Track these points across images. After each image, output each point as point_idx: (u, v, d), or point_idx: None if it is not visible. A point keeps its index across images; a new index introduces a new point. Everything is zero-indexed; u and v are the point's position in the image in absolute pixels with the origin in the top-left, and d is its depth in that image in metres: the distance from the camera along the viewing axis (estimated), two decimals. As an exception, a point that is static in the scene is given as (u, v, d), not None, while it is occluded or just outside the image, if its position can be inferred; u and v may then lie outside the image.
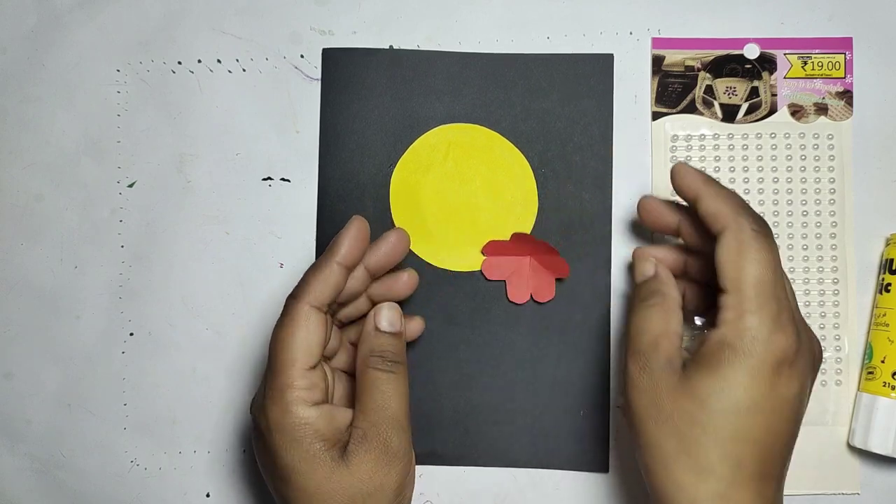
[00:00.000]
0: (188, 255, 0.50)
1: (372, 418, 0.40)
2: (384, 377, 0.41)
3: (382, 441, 0.40)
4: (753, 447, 0.37)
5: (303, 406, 0.39)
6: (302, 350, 0.40)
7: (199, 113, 0.51)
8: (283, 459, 0.39)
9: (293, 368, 0.39)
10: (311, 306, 0.40)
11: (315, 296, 0.40)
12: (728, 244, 0.38)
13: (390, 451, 0.40)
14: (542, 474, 0.49)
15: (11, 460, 0.50)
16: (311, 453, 0.39)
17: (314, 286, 0.40)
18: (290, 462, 0.39)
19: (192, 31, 0.51)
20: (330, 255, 0.41)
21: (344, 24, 0.51)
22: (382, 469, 0.40)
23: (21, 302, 0.51)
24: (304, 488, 0.39)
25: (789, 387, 0.37)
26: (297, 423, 0.39)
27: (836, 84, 0.49)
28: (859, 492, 0.48)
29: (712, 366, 0.37)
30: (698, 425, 0.37)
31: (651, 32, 0.50)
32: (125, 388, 0.50)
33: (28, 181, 0.51)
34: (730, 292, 0.37)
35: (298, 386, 0.39)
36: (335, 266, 0.41)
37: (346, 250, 0.41)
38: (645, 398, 0.39)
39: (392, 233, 0.44)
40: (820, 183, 0.49)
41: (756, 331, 0.36)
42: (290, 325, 0.40)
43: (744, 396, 0.36)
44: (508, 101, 0.50)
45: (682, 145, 0.49)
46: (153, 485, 0.50)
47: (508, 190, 0.49)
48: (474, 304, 0.49)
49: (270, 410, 0.39)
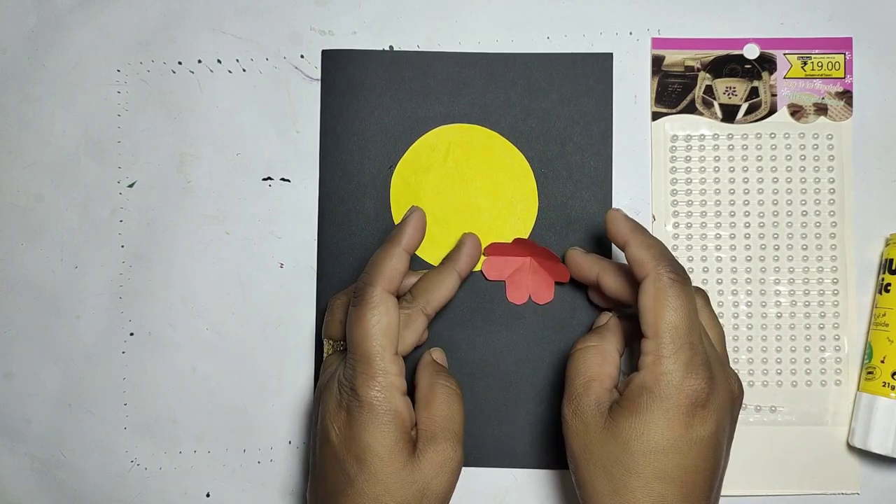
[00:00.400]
0: (188, 255, 0.50)
1: (441, 424, 0.42)
2: (450, 390, 0.43)
3: (446, 447, 0.41)
4: (675, 484, 0.38)
5: (397, 393, 0.40)
6: (389, 336, 0.41)
7: (199, 113, 0.51)
8: (365, 438, 0.40)
9: (386, 353, 0.40)
10: (385, 291, 0.41)
11: (388, 281, 0.41)
12: (647, 291, 0.39)
13: (453, 459, 0.41)
14: (542, 474, 0.49)
15: (11, 460, 0.50)
16: (394, 441, 0.40)
17: (386, 272, 0.41)
18: (372, 443, 0.40)
19: (192, 31, 0.51)
20: (396, 242, 0.42)
21: (344, 25, 0.51)
22: (443, 474, 0.41)
23: (21, 302, 0.51)
24: (375, 473, 0.40)
25: (704, 427, 0.39)
26: (388, 408, 0.40)
27: (836, 84, 0.49)
28: (859, 492, 0.48)
29: (633, 409, 0.39)
30: (623, 466, 0.39)
31: (651, 32, 0.50)
32: (125, 388, 0.50)
33: (28, 181, 0.51)
34: (649, 338, 0.39)
35: (392, 372, 0.40)
36: (402, 252, 0.42)
37: (409, 238, 0.42)
38: (578, 441, 0.41)
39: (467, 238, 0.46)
40: (820, 183, 0.49)
41: (670, 375, 0.38)
42: (375, 310, 0.40)
43: (661, 438, 0.38)
44: (508, 102, 0.50)
45: (681, 145, 0.50)
46: (153, 485, 0.50)
47: (508, 190, 0.49)
48: (474, 304, 0.49)
49: (364, 390, 0.40)
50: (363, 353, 0.40)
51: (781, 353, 0.49)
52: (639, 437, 0.38)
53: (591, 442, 0.40)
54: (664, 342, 0.39)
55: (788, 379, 0.48)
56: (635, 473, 0.39)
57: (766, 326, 0.49)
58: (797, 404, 0.48)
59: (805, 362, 0.49)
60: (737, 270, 0.49)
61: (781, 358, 0.49)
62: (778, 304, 0.49)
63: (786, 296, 0.49)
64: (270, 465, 0.50)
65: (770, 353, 0.49)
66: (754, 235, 0.49)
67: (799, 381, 0.48)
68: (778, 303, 0.49)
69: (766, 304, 0.49)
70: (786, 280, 0.49)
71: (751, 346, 0.49)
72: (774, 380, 0.49)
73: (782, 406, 0.48)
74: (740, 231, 0.49)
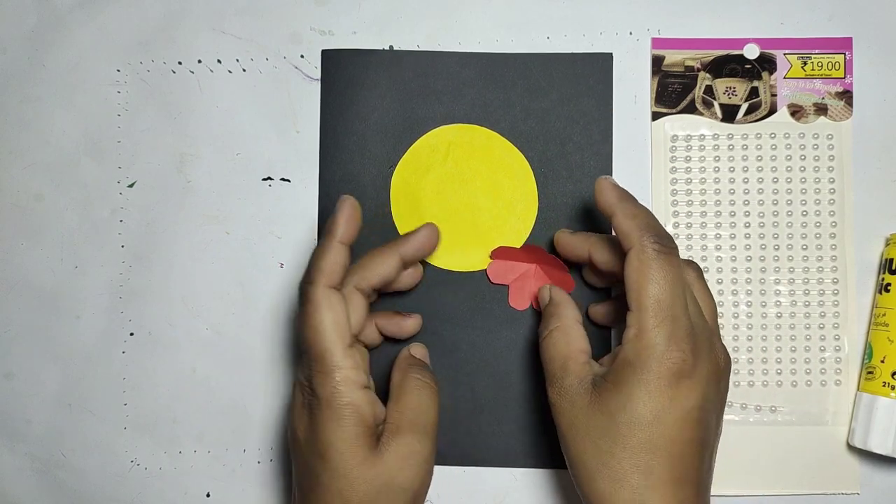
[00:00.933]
0: (188, 255, 0.50)
1: (408, 417, 0.42)
2: (422, 383, 0.43)
3: (413, 440, 0.41)
4: (662, 455, 0.38)
5: (352, 387, 0.40)
6: (338, 331, 0.40)
7: (199, 113, 0.51)
8: (325, 435, 0.40)
9: (337, 348, 0.40)
10: (327, 287, 0.41)
11: (328, 276, 0.41)
12: (632, 263, 0.39)
13: (420, 452, 0.41)
14: (542, 474, 0.49)
15: (11, 460, 0.50)
16: (353, 435, 0.40)
17: (324, 267, 0.41)
18: (332, 439, 0.40)
19: (192, 31, 0.51)
20: (330, 237, 0.42)
21: (344, 25, 0.51)
22: (409, 467, 0.41)
23: (21, 302, 0.51)
24: (336, 468, 0.40)
25: (688, 398, 0.39)
26: (344, 402, 0.40)
27: (836, 84, 0.49)
28: (859, 492, 0.48)
29: (617, 382, 0.39)
30: (609, 438, 0.39)
31: (651, 32, 0.50)
32: (125, 388, 0.50)
33: (28, 181, 0.51)
34: (632, 310, 0.39)
35: (345, 366, 0.40)
36: (338, 245, 0.41)
37: (342, 229, 0.42)
38: (565, 419, 0.41)
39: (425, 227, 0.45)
40: (820, 183, 0.49)
41: (652, 348, 0.38)
42: (317, 309, 0.40)
43: (644, 409, 0.38)
44: (508, 101, 0.50)
45: (681, 145, 0.50)
46: (153, 485, 0.50)
47: (509, 190, 0.49)
48: (475, 304, 0.49)
49: (320, 388, 0.40)
50: (315, 352, 0.40)
51: (781, 353, 0.49)
52: (623, 409, 0.38)
53: (578, 417, 0.40)
54: (647, 315, 0.38)
55: (788, 379, 0.48)
56: (621, 444, 0.39)
57: (766, 326, 0.49)
58: (797, 404, 0.48)
59: (805, 362, 0.49)
60: (737, 270, 0.49)
61: (781, 358, 0.49)
62: (778, 304, 0.49)
63: (786, 296, 0.49)
64: (270, 465, 0.50)
65: (770, 353, 0.49)
66: (754, 235, 0.49)
67: (799, 381, 0.48)
68: (778, 303, 0.49)
69: (766, 304, 0.49)
70: (786, 280, 0.49)
71: (751, 346, 0.49)
72: (774, 380, 0.49)
73: (782, 406, 0.48)
74: (740, 231, 0.49)
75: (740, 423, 0.48)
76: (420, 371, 0.44)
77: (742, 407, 0.48)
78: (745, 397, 0.48)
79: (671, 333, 0.38)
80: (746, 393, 0.48)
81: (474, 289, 0.49)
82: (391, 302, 0.49)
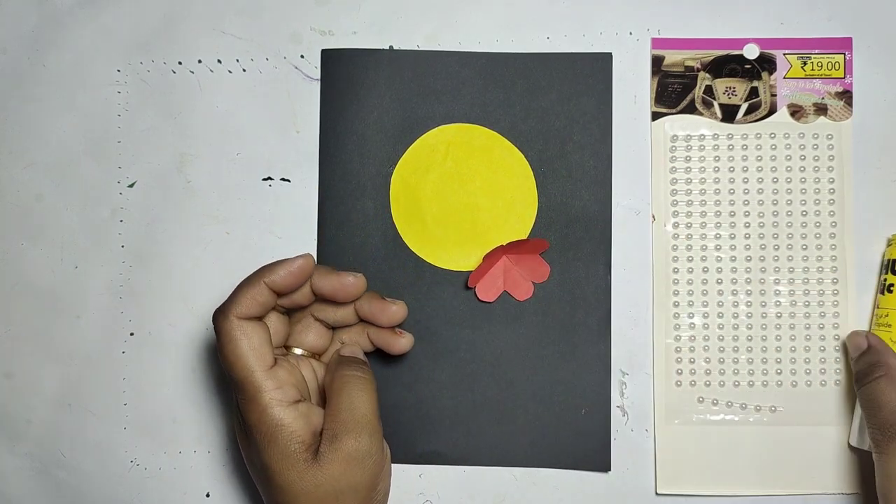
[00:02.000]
0: (188, 255, 0.50)
1: (342, 418, 0.42)
2: (353, 379, 0.43)
3: (352, 442, 0.41)
4: None
5: (278, 407, 0.41)
6: (255, 356, 0.41)
7: (199, 113, 0.51)
8: (261, 457, 0.41)
9: (254, 375, 0.41)
10: (238, 318, 0.41)
11: (239, 307, 0.41)
12: None
13: (360, 451, 0.41)
14: (543, 474, 0.49)
15: (11, 460, 0.50)
16: (287, 453, 0.41)
17: (241, 301, 0.42)
18: (267, 461, 0.41)
19: (192, 31, 0.51)
20: (259, 275, 0.42)
21: (344, 25, 0.51)
22: (353, 469, 0.41)
23: (21, 302, 0.51)
24: (279, 486, 0.41)
25: None
26: (272, 423, 0.41)
27: (836, 84, 0.49)
28: (859, 492, 0.48)
29: None
30: None
31: (651, 32, 0.50)
32: (125, 388, 0.50)
33: (28, 181, 0.51)
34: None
35: (268, 388, 0.41)
36: (262, 285, 0.42)
37: (279, 279, 0.42)
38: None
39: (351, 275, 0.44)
40: (820, 183, 0.49)
41: None
42: (228, 341, 0.41)
43: None
44: (507, 101, 0.50)
45: (681, 145, 0.50)
46: (153, 485, 0.50)
47: (508, 189, 0.49)
48: (474, 303, 0.49)
49: (248, 414, 0.41)
50: (236, 381, 0.41)
51: (781, 353, 0.49)
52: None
53: None
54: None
55: (788, 379, 0.48)
56: None
57: (766, 326, 0.49)
58: (797, 404, 0.48)
59: (805, 362, 0.48)
60: (737, 270, 0.49)
61: (781, 358, 0.49)
62: (778, 304, 0.49)
63: (786, 296, 0.49)
64: (270, 465, 0.50)
65: (770, 353, 0.49)
66: (754, 235, 0.49)
67: (799, 381, 0.48)
68: (778, 303, 0.49)
69: (766, 304, 0.49)
70: (786, 280, 0.49)
71: (751, 346, 0.49)
72: (774, 380, 0.48)
73: (782, 406, 0.48)
74: (740, 231, 0.49)
75: (740, 423, 0.48)
76: (348, 366, 0.44)
77: (742, 407, 0.48)
78: (745, 397, 0.48)
79: None
80: (746, 393, 0.48)
81: (474, 288, 0.49)
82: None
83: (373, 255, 0.49)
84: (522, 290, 0.49)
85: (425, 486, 0.49)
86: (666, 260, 0.49)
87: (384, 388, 0.49)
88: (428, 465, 0.49)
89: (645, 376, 0.49)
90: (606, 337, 0.49)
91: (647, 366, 0.49)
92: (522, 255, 0.48)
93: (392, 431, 0.49)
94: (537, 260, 0.49)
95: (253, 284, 0.42)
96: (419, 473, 0.49)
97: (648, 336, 0.49)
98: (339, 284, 0.44)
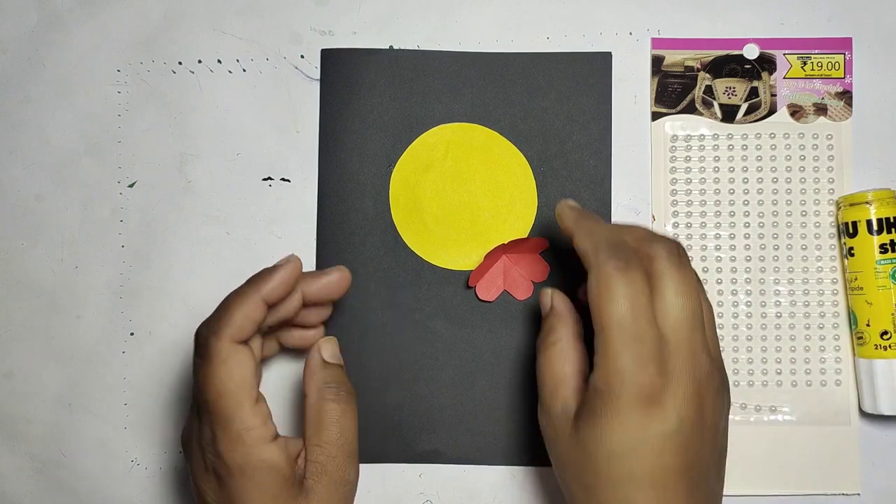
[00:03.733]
0: (188, 255, 0.50)
1: (330, 451, 0.40)
2: (340, 408, 0.41)
3: (340, 473, 0.40)
4: (644, 487, 0.36)
5: (264, 445, 0.38)
6: (245, 389, 0.38)
7: (199, 113, 0.51)
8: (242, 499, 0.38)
9: (242, 410, 0.38)
10: (234, 342, 0.38)
11: (237, 331, 0.38)
12: (591, 284, 0.37)
13: (346, 480, 0.40)
14: (541, 472, 0.49)
15: (11, 460, 0.50)
16: (273, 494, 0.38)
17: (237, 321, 0.38)
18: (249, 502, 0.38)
19: (192, 31, 0.51)
20: (255, 290, 0.39)
21: (344, 24, 0.51)
22: (336, 497, 0.40)
23: (21, 302, 0.51)
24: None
25: (664, 422, 0.36)
26: (260, 465, 0.38)
27: (836, 84, 0.49)
28: (860, 492, 0.48)
29: (589, 413, 0.37)
30: (591, 473, 0.37)
31: (651, 32, 0.50)
32: (125, 388, 0.50)
33: (28, 181, 0.51)
34: (597, 334, 0.37)
35: (256, 425, 0.38)
36: (258, 301, 0.39)
37: (272, 289, 0.39)
38: (554, 449, 0.40)
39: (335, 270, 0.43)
40: (819, 183, 0.49)
41: (618, 374, 0.36)
42: (221, 366, 0.38)
43: (618, 440, 0.36)
44: (507, 101, 0.50)
45: (681, 146, 0.50)
46: (153, 485, 0.50)
47: (508, 189, 0.49)
48: (474, 303, 0.49)
49: (229, 454, 0.38)
50: (219, 414, 0.38)
51: (781, 353, 0.49)
52: (598, 442, 0.36)
53: (563, 450, 0.39)
54: (610, 338, 0.36)
55: (788, 379, 0.48)
56: (603, 478, 0.37)
57: (766, 326, 0.49)
58: (797, 404, 0.48)
59: (805, 362, 0.49)
60: (737, 270, 0.49)
61: (781, 358, 0.49)
62: (778, 304, 0.49)
63: (786, 296, 0.49)
64: (270, 465, 0.50)
65: (770, 353, 0.49)
66: (754, 235, 0.49)
67: (799, 381, 0.48)
68: (778, 303, 0.49)
69: (766, 304, 0.49)
70: (786, 280, 0.49)
71: (751, 346, 0.49)
72: (774, 380, 0.49)
73: (782, 406, 0.48)
74: (740, 231, 0.49)
75: (740, 423, 0.48)
76: (335, 391, 0.41)
77: (742, 407, 0.48)
78: (745, 397, 0.48)
79: (636, 355, 0.36)
80: (746, 393, 0.48)
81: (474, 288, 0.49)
82: (389, 301, 0.49)
83: (372, 254, 0.49)
84: (522, 290, 0.49)
85: (425, 486, 0.49)
86: (666, 260, 0.49)
87: (383, 388, 0.49)
88: (428, 464, 0.49)
89: (645, 376, 0.49)
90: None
91: (647, 366, 0.49)
92: (522, 255, 0.49)
93: (392, 431, 0.49)
94: (537, 259, 0.49)
95: (247, 300, 0.39)
96: (419, 473, 0.49)
97: (648, 336, 0.49)
98: (327, 283, 0.42)
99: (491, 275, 0.49)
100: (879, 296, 0.46)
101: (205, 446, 0.39)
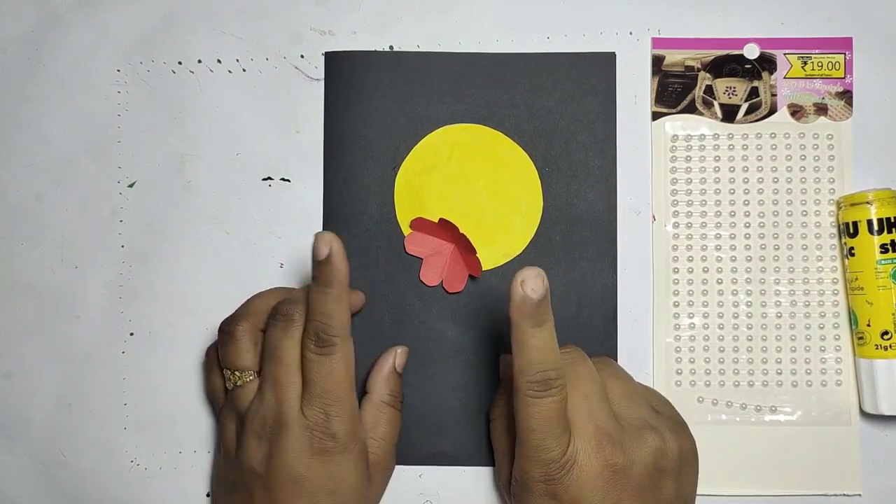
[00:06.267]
0: (188, 255, 0.50)
1: (384, 446, 0.46)
2: (396, 413, 0.46)
3: (388, 463, 0.46)
4: None
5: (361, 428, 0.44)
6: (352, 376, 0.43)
7: (199, 113, 0.51)
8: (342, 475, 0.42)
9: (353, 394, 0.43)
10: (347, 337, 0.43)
11: (346, 328, 0.42)
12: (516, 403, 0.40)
13: (390, 469, 0.47)
14: (543, 474, 0.49)
15: (11, 460, 0.50)
16: (363, 469, 0.44)
17: (344, 320, 0.42)
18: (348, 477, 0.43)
19: (192, 31, 0.51)
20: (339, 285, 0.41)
21: (344, 25, 0.51)
22: (384, 483, 0.47)
23: (21, 302, 0.51)
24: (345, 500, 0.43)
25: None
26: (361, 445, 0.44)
27: (836, 84, 0.49)
28: (860, 492, 0.48)
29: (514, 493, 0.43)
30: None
31: (651, 32, 0.50)
32: (125, 388, 0.50)
33: (28, 181, 0.51)
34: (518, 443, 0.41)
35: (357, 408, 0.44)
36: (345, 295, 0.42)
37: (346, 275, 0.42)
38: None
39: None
40: (820, 183, 0.49)
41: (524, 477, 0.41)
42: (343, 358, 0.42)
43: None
44: (511, 101, 0.50)
45: (681, 145, 0.50)
46: (153, 485, 0.50)
47: (513, 189, 0.49)
48: (478, 304, 0.49)
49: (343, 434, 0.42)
50: (336, 398, 0.42)
51: (781, 353, 0.49)
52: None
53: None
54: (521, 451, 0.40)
55: (788, 379, 0.49)
56: None
57: (766, 326, 0.49)
58: (797, 404, 0.48)
59: (805, 362, 0.49)
60: (737, 270, 0.49)
61: (781, 358, 0.49)
62: (778, 304, 0.49)
63: (786, 296, 0.49)
64: (271, 465, 0.50)
65: (770, 353, 0.49)
66: (754, 235, 0.49)
67: (799, 381, 0.49)
68: (778, 303, 0.49)
69: (766, 304, 0.49)
70: (786, 280, 0.49)
71: (751, 346, 0.49)
72: (774, 380, 0.49)
73: (782, 406, 0.48)
74: (740, 231, 0.49)
75: (740, 423, 0.48)
76: (396, 400, 0.47)
77: (742, 407, 0.48)
78: (745, 397, 0.49)
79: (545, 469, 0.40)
80: (746, 393, 0.49)
81: (478, 289, 0.49)
82: (395, 303, 0.49)
83: (378, 256, 0.49)
84: (456, 284, 0.49)
85: (425, 486, 0.49)
86: (666, 260, 0.49)
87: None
88: (431, 465, 0.49)
89: (645, 376, 0.49)
90: (612, 337, 0.49)
91: (648, 366, 0.49)
92: (468, 251, 0.48)
93: (400, 435, 0.48)
94: (474, 253, 0.48)
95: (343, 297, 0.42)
96: (419, 473, 0.49)
97: (648, 336, 0.49)
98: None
99: (436, 259, 0.49)
100: (880, 296, 0.46)
101: (315, 427, 0.42)
